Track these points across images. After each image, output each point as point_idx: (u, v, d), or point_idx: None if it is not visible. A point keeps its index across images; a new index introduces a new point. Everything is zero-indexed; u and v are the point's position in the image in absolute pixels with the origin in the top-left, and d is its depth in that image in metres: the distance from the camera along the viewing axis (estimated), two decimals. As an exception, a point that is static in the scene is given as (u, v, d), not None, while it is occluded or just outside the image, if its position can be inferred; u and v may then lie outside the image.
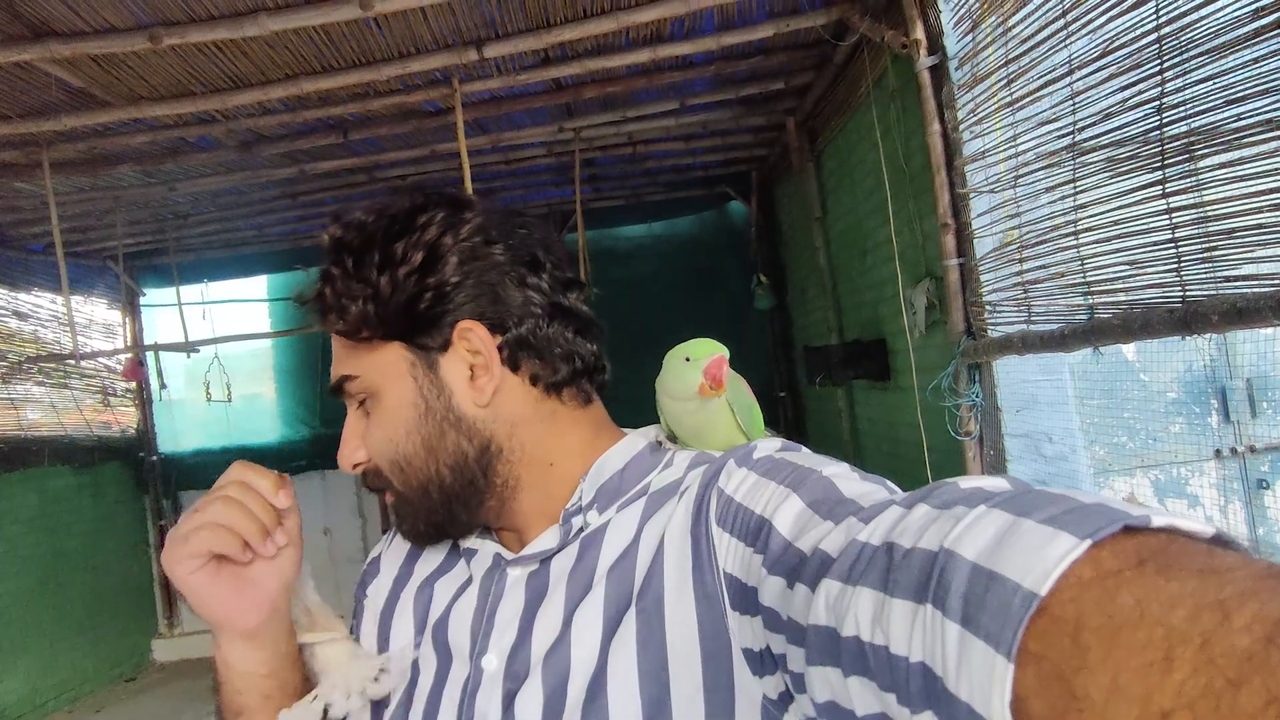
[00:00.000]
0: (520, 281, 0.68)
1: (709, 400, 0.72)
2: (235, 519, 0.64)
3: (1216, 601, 0.27)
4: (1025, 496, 0.37)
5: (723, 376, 0.71)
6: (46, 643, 4.88)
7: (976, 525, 0.36)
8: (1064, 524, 0.33)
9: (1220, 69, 1.55)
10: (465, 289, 0.66)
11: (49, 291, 5.23)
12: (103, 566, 5.45)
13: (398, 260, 0.66)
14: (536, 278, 0.69)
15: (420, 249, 0.66)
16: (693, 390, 0.72)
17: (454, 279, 0.66)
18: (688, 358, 0.72)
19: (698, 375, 0.71)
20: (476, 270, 0.67)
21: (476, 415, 0.67)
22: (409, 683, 0.70)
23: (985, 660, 0.32)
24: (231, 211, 4.82)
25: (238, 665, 0.69)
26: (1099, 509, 0.33)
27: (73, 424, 5.34)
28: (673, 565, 0.60)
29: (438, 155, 4.07)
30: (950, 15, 2.51)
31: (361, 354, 0.69)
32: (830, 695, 0.44)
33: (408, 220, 0.68)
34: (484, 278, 0.67)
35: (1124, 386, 2.77)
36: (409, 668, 0.71)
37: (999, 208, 2.42)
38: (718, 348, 0.72)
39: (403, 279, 0.65)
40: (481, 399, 0.67)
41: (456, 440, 0.67)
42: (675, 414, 0.75)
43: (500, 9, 2.70)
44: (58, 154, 3.41)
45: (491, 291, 0.67)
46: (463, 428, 0.67)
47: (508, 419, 0.68)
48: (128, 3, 2.36)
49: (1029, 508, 0.35)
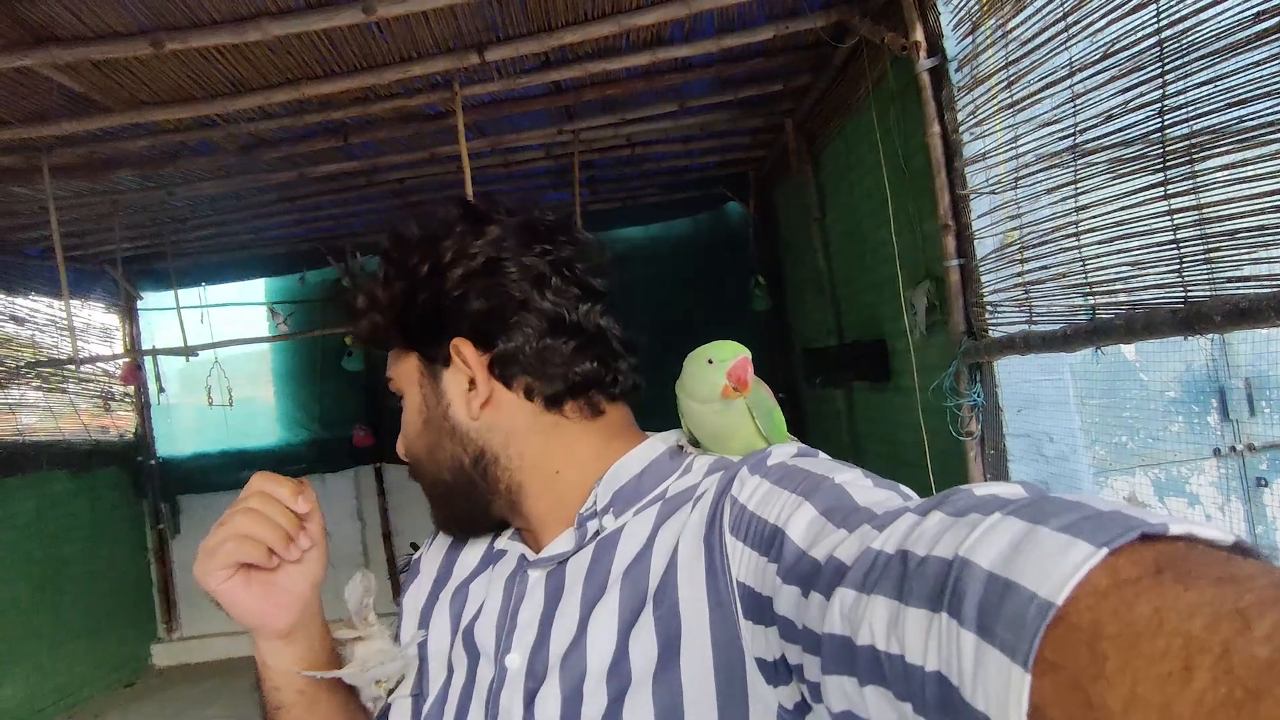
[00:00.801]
0: (521, 300, 0.69)
1: (732, 402, 0.73)
2: (258, 529, 0.67)
3: (1236, 610, 0.27)
4: (1041, 504, 0.37)
5: (748, 378, 0.71)
6: (45, 648, 4.87)
7: (992, 533, 0.36)
8: (1080, 531, 0.32)
9: (1222, 72, 1.56)
10: (463, 305, 0.69)
11: (46, 296, 5.22)
12: (101, 571, 5.43)
13: (406, 274, 0.70)
14: (540, 295, 0.70)
15: (427, 264, 0.70)
16: (716, 392, 0.72)
17: (455, 293, 0.69)
18: (711, 359, 0.72)
19: (721, 377, 0.71)
20: (478, 287, 0.69)
21: (469, 426, 0.71)
22: (444, 681, 0.72)
23: (1002, 670, 0.32)
24: (230, 215, 4.82)
25: (274, 663, 0.73)
26: (1116, 516, 0.33)
27: (70, 429, 5.32)
28: (686, 571, 0.61)
29: (437, 158, 4.07)
30: (950, 17, 2.53)
31: (394, 358, 0.75)
32: (846, 705, 0.44)
33: (428, 234, 0.71)
34: (484, 294, 0.69)
35: (1124, 386, 2.79)
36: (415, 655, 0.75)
37: (999, 209, 2.43)
38: (741, 349, 0.72)
39: (399, 294, 0.70)
40: (471, 412, 0.70)
41: (452, 448, 0.72)
42: (697, 416, 0.75)
43: (502, 12, 2.70)
44: (57, 159, 3.40)
45: (488, 309, 0.69)
46: (457, 436, 0.72)
47: (502, 430, 0.71)
48: (130, 8, 2.36)
49: (1045, 515, 0.35)
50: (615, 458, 0.71)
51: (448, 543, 0.82)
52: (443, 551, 0.82)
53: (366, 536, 5.91)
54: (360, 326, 0.74)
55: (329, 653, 0.76)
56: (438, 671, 0.74)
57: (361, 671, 0.73)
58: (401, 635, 0.80)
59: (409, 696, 0.75)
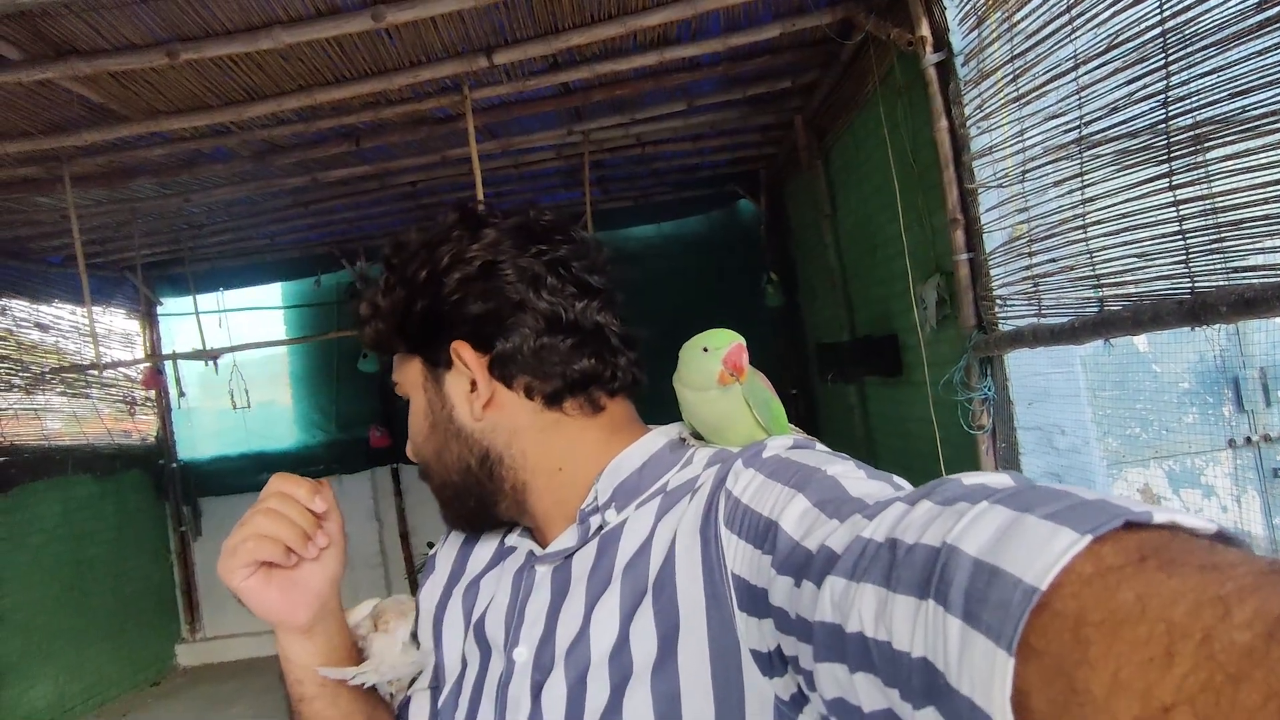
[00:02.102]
0: (518, 301, 0.70)
1: (729, 389, 0.72)
2: (277, 528, 0.69)
3: (1218, 597, 0.27)
4: (1027, 493, 0.37)
5: (743, 363, 0.71)
6: (72, 649, 4.96)
7: (979, 521, 0.36)
8: (1065, 519, 0.33)
9: (1225, 62, 1.56)
10: (461, 309, 0.71)
11: (69, 303, 5.31)
12: (125, 573, 5.52)
13: (406, 281, 0.72)
14: (538, 295, 0.71)
15: (425, 270, 0.71)
16: (712, 379, 0.71)
17: (453, 297, 0.71)
18: (706, 347, 0.72)
19: (716, 364, 0.71)
20: (475, 291, 0.70)
21: (474, 428, 0.72)
22: (458, 674, 0.75)
23: (986, 655, 0.32)
24: (245, 221, 4.88)
25: (295, 658, 0.75)
26: (1101, 505, 0.33)
27: (94, 433, 5.41)
28: (684, 563, 0.62)
29: (448, 161, 4.11)
30: (955, 12, 2.53)
31: (398, 364, 0.77)
32: (838, 692, 0.45)
33: (426, 241, 0.73)
34: (481, 297, 0.70)
35: (1136, 378, 2.78)
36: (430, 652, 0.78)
37: (1007, 202, 2.43)
38: (735, 336, 0.72)
39: (399, 301, 0.72)
40: (475, 413, 0.72)
41: (458, 450, 0.74)
42: (694, 406, 0.75)
43: (509, 16, 2.73)
44: (77, 168, 3.47)
45: (485, 311, 0.70)
46: (462, 438, 0.73)
47: (505, 429, 0.72)
48: (146, 20, 2.41)
49: (1031, 504, 0.35)
50: (616, 453, 0.72)
51: (461, 539, 0.84)
52: (457, 548, 0.84)
53: (384, 536, 5.96)
54: (365, 334, 0.77)
55: (348, 647, 0.78)
56: (452, 665, 0.76)
57: (375, 672, 0.75)
58: (419, 630, 0.82)
59: (427, 689, 0.77)
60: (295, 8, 2.47)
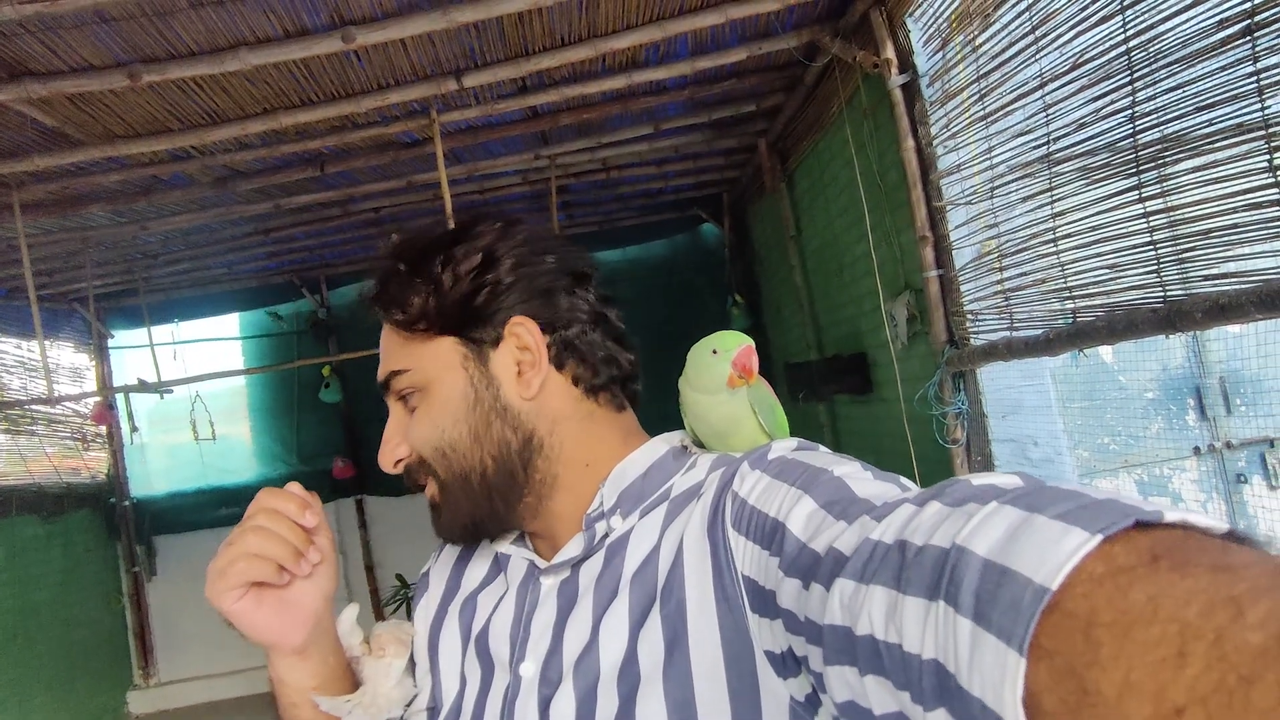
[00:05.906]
0: (568, 290, 0.73)
1: (736, 393, 0.73)
2: (267, 546, 0.67)
3: (1230, 598, 0.27)
4: (1038, 493, 0.37)
5: (753, 365, 0.72)
6: (15, 701, 4.69)
7: (988, 522, 0.36)
8: (1076, 519, 0.33)
9: (1189, 78, 1.62)
10: (518, 290, 0.71)
11: (12, 337, 5.10)
12: (74, 619, 5.26)
13: (458, 260, 0.71)
14: (583, 289, 0.74)
15: (478, 252, 0.72)
16: (722, 382, 0.73)
17: (508, 279, 0.71)
18: (715, 350, 0.74)
19: (726, 366, 0.72)
20: (528, 274, 0.72)
21: (522, 408, 0.71)
22: (457, 692, 0.73)
23: (997, 656, 0.32)
24: (202, 249, 4.76)
25: (289, 680, 0.73)
26: (1112, 504, 0.33)
27: (40, 472, 5.18)
28: (693, 569, 0.61)
29: (414, 186, 4.07)
30: (919, 34, 2.59)
31: (414, 347, 0.73)
32: (849, 695, 0.44)
33: (465, 230, 0.74)
34: (535, 282, 0.72)
35: (1103, 389, 2.84)
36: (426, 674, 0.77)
37: (976, 219, 2.48)
38: (745, 338, 0.74)
39: (463, 275, 0.71)
40: (528, 392, 0.70)
41: (501, 430, 0.71)
42: (701, 410, 0.75)
43: (479, 39, 2.73)
44: (27, 195, 3.35)
45: (542, 294, 0.72)
46: (508, 418, 0.71)
47: (550, 415, 0.71)
48: (106, 41, 2.34)
49: (1041, 504, 0.35)
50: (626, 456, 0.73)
51: (455, 555, 0.83)
52: (450, 565, 0.83)
53: (349, 570, 5.80)
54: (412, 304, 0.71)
55: (343, 665, 0.76)
56: (450, 684, 0.74)
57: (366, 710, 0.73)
58: (415, 649, 0.80)
59: (424, 710, 0.75)
60: (263, 29, 2.43)
